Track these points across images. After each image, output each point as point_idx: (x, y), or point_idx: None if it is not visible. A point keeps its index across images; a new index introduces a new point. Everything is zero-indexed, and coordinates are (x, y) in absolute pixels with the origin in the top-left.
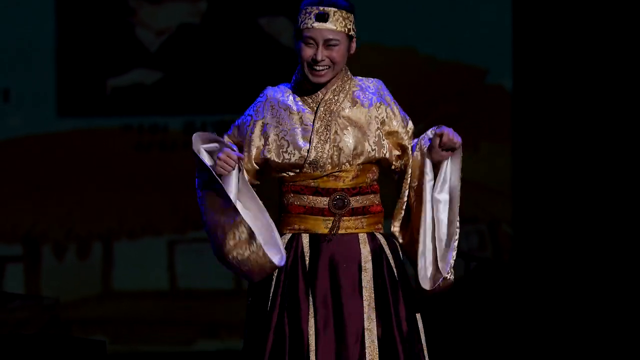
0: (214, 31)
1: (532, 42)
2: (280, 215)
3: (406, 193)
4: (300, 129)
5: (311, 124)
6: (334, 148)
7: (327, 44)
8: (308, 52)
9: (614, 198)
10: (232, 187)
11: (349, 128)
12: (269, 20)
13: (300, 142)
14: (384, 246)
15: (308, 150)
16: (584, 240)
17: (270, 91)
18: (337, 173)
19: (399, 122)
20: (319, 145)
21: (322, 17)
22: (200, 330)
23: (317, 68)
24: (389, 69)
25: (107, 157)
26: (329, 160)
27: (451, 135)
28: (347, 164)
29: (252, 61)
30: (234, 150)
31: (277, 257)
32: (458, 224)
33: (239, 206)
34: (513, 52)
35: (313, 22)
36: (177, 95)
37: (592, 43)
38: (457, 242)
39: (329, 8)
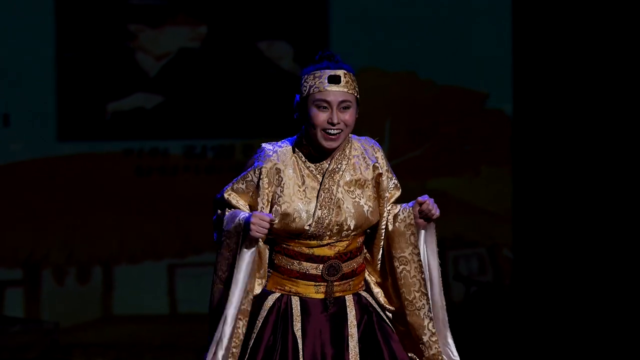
0: (213, 55)
1: (532, 67)
2: (269, 270)
3: (395, 264)
4: (304, 201)
5: (315, 196)
6: (335, 223)
7: (341, 106)
8: (322, 116)
9: (615, 224)
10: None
11: (351, 204)
12: (268, 44)
13: (303, 213)
14: (370, 302)
15: (309, 224)
16: (585, 265)
17: (271, 153)
18: (333, 243)
19: (384, 190)
20: (321, 219)
21: (335, 79)
22: (200, 354)
23: (332, 132)
24: (390, 93)
25: (108, 181)
26: (328, 233)
27: (431, 205)
28: (344, 237)
29: (252, 85)
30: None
31: None
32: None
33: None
34: (513, 77)
35: (326, 85)
36: (177, 119)
37: (592, 68)
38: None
39: (340, 70)
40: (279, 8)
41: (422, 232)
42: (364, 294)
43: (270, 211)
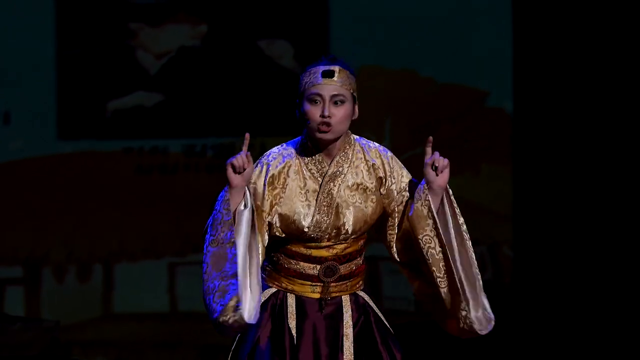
0: (214, 54)
1: (532, 64)
2: (267, 265)
3: (422, 245)
4: (304, 204)
5: (314, 199)
6: (333, 227)
7: (334, 100)
8: (315, 110)
9: (616, 220)
10: (243, 229)
11: (350, 208)
12: (268, 42)
13: (302, 217)
14: (368, 302)
15: (308, 227)
16: (585, 263)
17: (276, 155)
18: (332, 245)
19: (391, 197)
20: (319, 223)
21: (329, 74)
22: (200, 352)
23: (325, 124)
24: (390, 91)
25: (108, 180)
26: (326, 236)
27: (438, 158)
28: (343, 240)
29: (252, 84)
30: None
31: (254, 319)
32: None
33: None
34: (513, 74)
35: (319, 80)
36: (177, 117)
37: (593, 66)
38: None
39: (335, 66)
40: (279, 6)
41: (438, 199)
42: (361, 293)
43: (270, 212)
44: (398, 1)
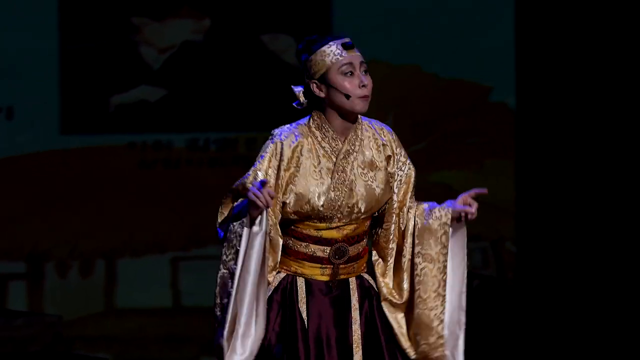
0: (217, 48)
1: (535, 59)
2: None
3: (417, 260)
4: (319, 181)
5: (328, 177)
6: (346, 205)
7: (362, 69)
8: (351, 82)
9: (619, 216)
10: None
11: (363, 186)
12: (271, 37)
13: (317, 194)
14: (372, 286)
15: (322, 205)
16: (588, 258)
17: (288, 133)
18: (342, 226)
19: (393, 173)
20: (334, 201)
21: (350, 46)
22: (203, 347)
23: (365, 93)
24: (394, 86)
25: (111, 175)
26: (339, 215)
27: (475, 210)
28: (354, 220)
29: (255, 78)
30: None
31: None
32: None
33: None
34: (516, 69)
35: (344, 52)
36: (180, 112)
37: (596, 60)
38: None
39: (347, 38)
40: (282, 1)
41: (450, 229)
42: (366, 276)
43: (286, 190)
44: None
